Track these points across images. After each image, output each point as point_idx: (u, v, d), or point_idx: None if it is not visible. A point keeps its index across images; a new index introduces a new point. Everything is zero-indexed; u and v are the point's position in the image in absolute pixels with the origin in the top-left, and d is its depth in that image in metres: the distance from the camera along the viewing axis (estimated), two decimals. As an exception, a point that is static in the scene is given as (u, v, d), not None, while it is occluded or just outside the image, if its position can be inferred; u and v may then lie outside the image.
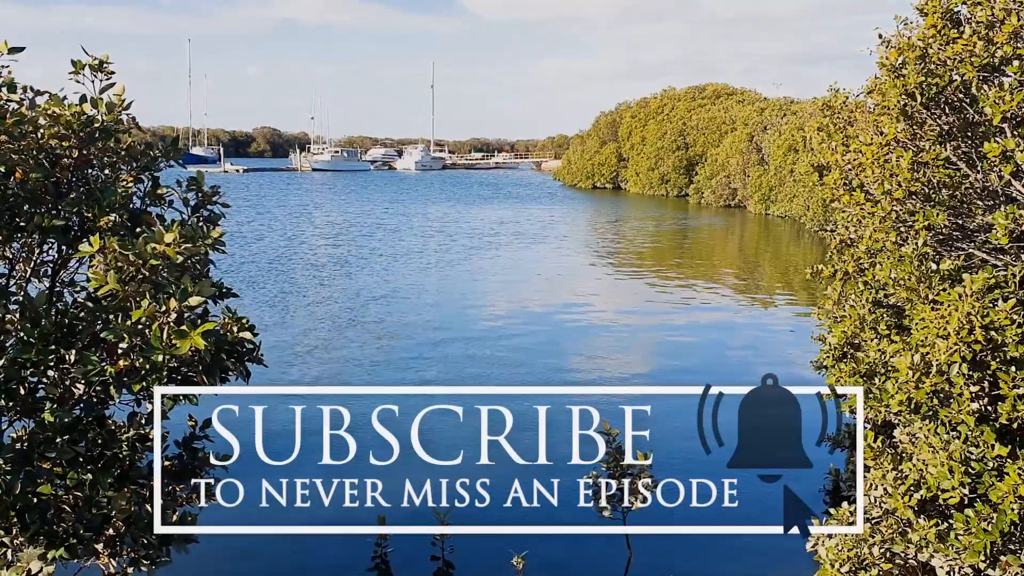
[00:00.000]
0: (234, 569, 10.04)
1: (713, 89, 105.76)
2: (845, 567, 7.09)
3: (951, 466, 6.26)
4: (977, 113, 7.24)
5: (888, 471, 7.04)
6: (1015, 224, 6.49)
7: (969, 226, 7.59)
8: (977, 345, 6.18)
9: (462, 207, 76.91)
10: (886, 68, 7.76)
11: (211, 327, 5.26)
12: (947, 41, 7.20)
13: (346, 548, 10.45)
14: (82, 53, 6.53)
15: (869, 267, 8.79)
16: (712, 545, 10.88)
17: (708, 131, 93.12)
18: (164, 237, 5.46)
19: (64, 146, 6.39)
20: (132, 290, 5.31)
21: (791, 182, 64.16)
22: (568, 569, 10.16)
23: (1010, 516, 5.96)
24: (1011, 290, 6.42)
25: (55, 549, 5.90)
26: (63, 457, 5.50)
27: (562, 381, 18.37)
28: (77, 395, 5.74)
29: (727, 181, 79.62)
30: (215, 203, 6.91)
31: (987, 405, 6.43)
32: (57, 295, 6.78)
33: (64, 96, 6.40)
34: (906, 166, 7.34)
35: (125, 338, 5.26)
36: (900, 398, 6.60)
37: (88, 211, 6.26)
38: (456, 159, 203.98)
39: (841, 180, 8.89)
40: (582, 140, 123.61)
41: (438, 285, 32.37)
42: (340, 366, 19.55)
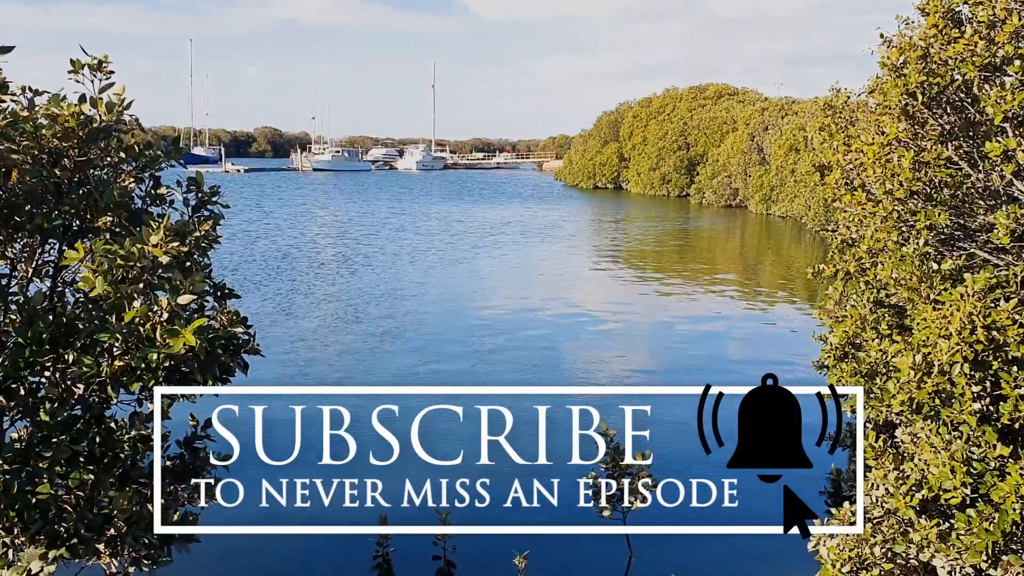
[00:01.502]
0: (236, 569, 10.05)
1: (715, 89, 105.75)
2: (846, 567, 7.07)
3: (953, 466, 6.25)
4: (978, 112, 7.23)
5: (890, 471, 7.03)
6: (1017, 224, 6.48)
7: (971, 226, 7.58)
8: (979, 345, 6.17)
9: (465, 207, 76.99)
10: (887, 68, 7.75)
11: (202, 323, 5.26)
12: (948, 41, 7.19)
13: (347, 548, 10.46)
14: (81, 53, 6.53)
15: (870, 267, 8.78)
16: (713, 545, 10.88)
17: (709, 131, 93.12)
18: (150, 237, 5.45)
19: (64, 146, 6.39)
20: (125, 291, 5.31)
21: (792, 182, 64.13)
22: (569, 569, 10.16)
23: (1012, 516, 5.94)
24: (1013, 290, 6.41)
25: (56, 549, 5.90)
26: (62, 456, 5.50)
27: (563, 380, 18.37)
28: (77, 395, 5.74)
29: (728, 181, 79.62)
30: (215, 203, 6.91)
31: (989, 405, 6.42)
32: (58, 295, 6.79)
33: (63, 96, 6.40)
34: (907, 166, 7.33)
35: (119, 338, 5.26)
36: (902, 398, 6.59)
37: (88, 212, 6.27)
38: (457, 159, 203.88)
39: (842, 180, 8.88)
40: (583, 140, 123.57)
41: (443, 284, 32.37)
42: (343, 363, 19.55)
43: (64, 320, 5.62)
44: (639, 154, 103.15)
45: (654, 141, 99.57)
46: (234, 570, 10.01)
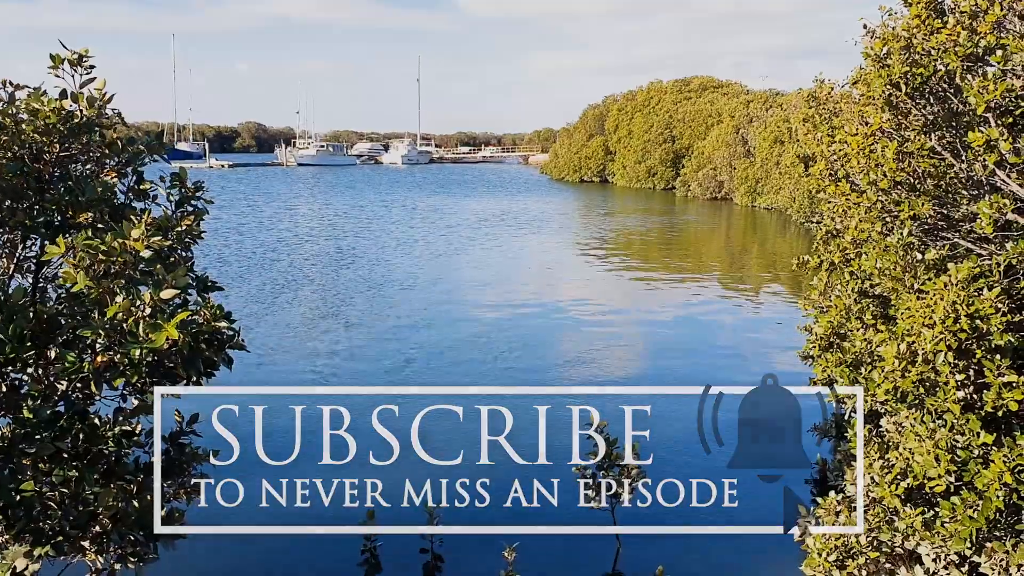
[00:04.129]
0: (223, 566, 10.00)
1: (699, 82, 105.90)
2: (832, 556, 7.12)
3: (937, 454, 6.29)
4: (961, 103, 7.26)
5: (875, 460, 7.07)
6: (999, 213, 6.52)
7: (954, 216, 7.62)
8: (962, 334, 6.21)
9: (453, 200, 76.98)
10: (871, 58, 7.76)
11: (185, 316, 5.22)
12: (931, 31, 7.22)
13: (336, 545, 10.43)
14: (61, 48, 6.46)
15: (855, 257, 8.81)
16: (699, 537, 10.91)
17: (694, 124, 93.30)
18: (132, 232, 5.40)
19: (46, 141, 6.33)
20: (107, 286, 5.26)
21: (777, 174, 64.37)
22: (557, 563, 10.17)
23: (995, 503, 5.99)
24: (995, 279, 6.44)
25: (41, 546, 5.85)
26: (45, 453, 5.45)
27: (558, 376, 18.37)
28: (60, 391, 5.70)
29: (714, 174, 79.82)
30: (199, 198, 6.86)
31: (972, 393, 6.46)
32: (40, 291, 6.73)
33: (44, 91, 6.33)
34: (891, 156, 7.35)
35: (102, 334, 5.22)
36: (886, 387, 6.63)
37: (70, 207, 6.21)
38: (443, 153, 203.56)
39: (827, 171, 8.91)
40: (569, 134, 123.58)
41: (436, 276, 32.29)
42: (333, 359, 19.48)
43: (46, 316, 5.57)
44: (625, 147, 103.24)
45: (639, 134, 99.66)
46: (221, 567, 9.97)
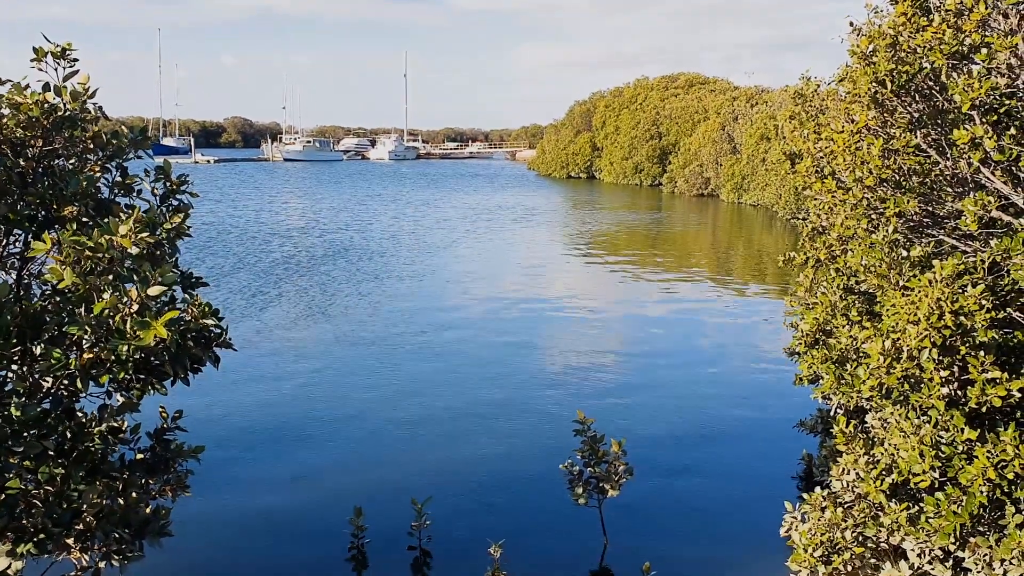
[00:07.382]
0: (210, 562, 9.95)
1: (686, 78, 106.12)
2: (818, 551, 7.16)
3: (922, 450, 6.34)
4: (947, 100, 7.30)
5: (860, 456, 7.12)
6: (984, 210, 6.56)
7: (939, 213, 7.66)
8: (947, 330, 6.25)
9: (442, 194, 77.04)
10: (857, 56, 7.79)
11: (174, 315, 5.18)
12: (917, 29, 7.24)
13: (324, 540, 10.41)
14: (44, 41, 6.40)
15: (840, 254, 8.86)
16: (686, 531, 10.96)
17: (681, 120, 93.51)
18: (119, 228, 5.36)
19: (28, 135, 6.27)
20: (94, 282, 5.22)
21: (763, 171, 64.59)
22: (544, 557, 10.18)
23: (979, 499, 6.04)
24: (980, 276, 6.49)
25: (24, 544, 5.81)
26: (32, 451, 5.41)
27: (543, 373, 18.36)
28: (46, 389, 5.65)
29: (700, 170, 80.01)
30: (183, 192, 6.81)
31: (957, 389, 6.51)
32: (25, 287, 6.67)
33: (27, 85, 6.27)
34: (877, 153, 7.39)
35: (88, 331, 5.17)
36: (871, 383, 6.67)
37: (53, 202, 6.16)
38: (430, 149, 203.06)
39: (813, 168, 8.93)
40: (556, 130, 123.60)
41: (429, 269, 32.22)
42: (321, 353, 19.43)
43: (31, 312, 5.52)
44: (612, 143, 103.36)
45: (626, 131, 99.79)
46: (208, 563, 9.92)
